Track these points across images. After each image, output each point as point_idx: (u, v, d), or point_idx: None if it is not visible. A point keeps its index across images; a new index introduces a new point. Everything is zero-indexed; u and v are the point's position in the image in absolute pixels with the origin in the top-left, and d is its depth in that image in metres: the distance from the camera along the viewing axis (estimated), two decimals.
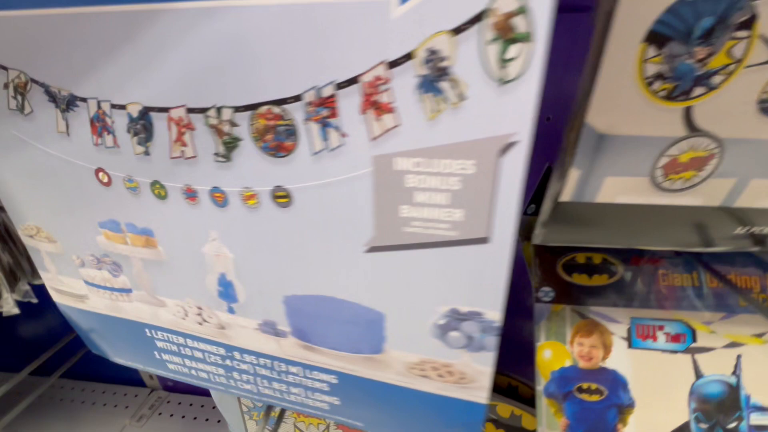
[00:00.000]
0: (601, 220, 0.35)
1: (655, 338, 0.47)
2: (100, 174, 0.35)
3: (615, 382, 0.47)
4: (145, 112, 0.30)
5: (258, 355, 0.40)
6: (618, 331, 0.48)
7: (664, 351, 0.47)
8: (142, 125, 0.31)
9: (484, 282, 0.28)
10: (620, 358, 0.47)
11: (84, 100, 0.31)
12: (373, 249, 0.29)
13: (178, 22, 0.26)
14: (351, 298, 0.32)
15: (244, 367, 0.41)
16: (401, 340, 0.33)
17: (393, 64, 0.23)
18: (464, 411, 0.34)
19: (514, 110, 0.22)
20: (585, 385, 0.50)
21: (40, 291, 0.54)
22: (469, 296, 0.29)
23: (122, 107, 0.31)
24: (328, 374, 0.38)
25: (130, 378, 1.25)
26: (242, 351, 0.40)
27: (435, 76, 0.23)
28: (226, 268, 0.35)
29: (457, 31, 0.21)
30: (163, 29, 0.26)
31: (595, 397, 0.48)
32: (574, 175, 0.30)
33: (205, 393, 1.21)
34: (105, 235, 0.39)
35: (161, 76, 0.28)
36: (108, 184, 0.35)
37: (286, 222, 0.31)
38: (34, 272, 0.59)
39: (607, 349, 0.49)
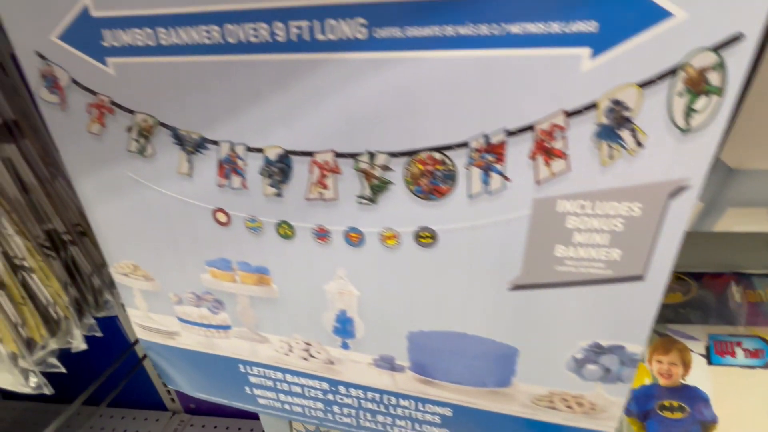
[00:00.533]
0: (709, 246, 0.36)
1: (733, 354, 0.49)
2: (218, 214, 0.35)
3: (696, 398, 0.48)
4: (285, 155, 0.30)
5: (366, 389, 0.39)
6: (696, 348, 0.49)
7: (743, 367, 0.49)
8: (279, 168, 0.31)
9: (632, 317, 0.29)
10: (700, 375, 0.48)
11: (215, 143, 0.31)
12: (518, 287, 0.30)
13: (340, 72, 0.26)
14: (484, 334, 0.32)
15: (347, 401, 0.41)
16: (532, 374, 0.33)
17: (573, 113, 0.24)
18: None
19: (692, 157, 0.23)
20: (667, 403, 0.51)
21: None
22: (614, 330, 0.30)
23: (259, 150, 0.31)
24: (442, 407, 0.38)
25: (150, 401, 1.22)
26: (348, 385, 0.40)
27: (615, 125, 0.23)
28: (348, 305, 0.35)
29: (647, 84, 0.22)
30: (323, 78, 0.26)
31: (677, 415, 0.49)
32: (697, 207, 0.31)
33: (228, 414, 1.19)
34: (212, 273, 0.38)
35: (311, 122, 0.28)
36: (226, 224, 0.35)
37: (425, 261, 0.31)
38: (98, 306, 0.58)
39: (686, 366, 0.50)
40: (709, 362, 0.49)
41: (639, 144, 0.24)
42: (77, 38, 0.30)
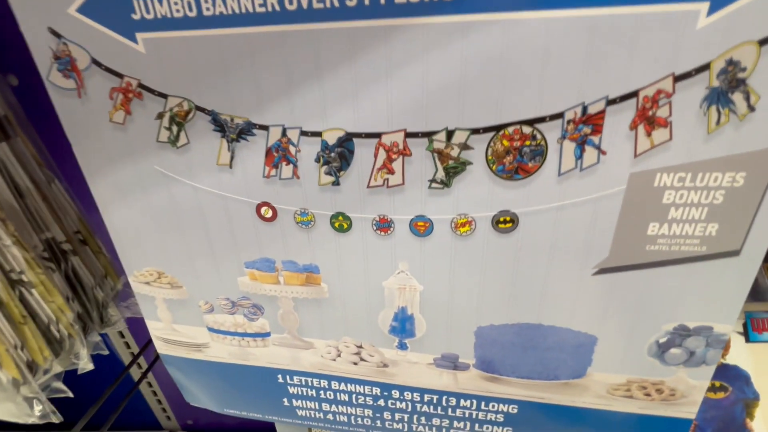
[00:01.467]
0: None
1: None
2: (263, 209, 0.31)
3: (737, 377, 0.48)
4: (347, 138, 0.27)
5: (423, 391, 0.37)
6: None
7: None
8: (339, 153, 0.28)
9: (724, 295, 0.27)
10: (739, 353, 0.48)
11: (264, 128, 0.28)
12: (603, 271, 0.28)
13: (419, 39, 0.23)
14: (560, 324, 0.30)
15: (400, 406, 0.38)
16: (609, 363, 0.31)
17: (682, 76, 0.22)
18: (667, 428, 0.33)
19: None
20: (709, 383, 0.51)
21: None
22: (703, 311, 0.28)
23: (316, 134, 0.27)
24: (507, 404, 0.35)
25: (144, 421, 1.15)
26: (403, 389, 0.37)
27: (728, 88, 0.22)
28: (409, 301, 0.32)
29: (766, 41, 0.21)
30: (397, 47, 0.24)
31: (720, 395, 0.49)
32: None
33: (228, 428, 1.14)
34: (251, 276, 0.35)
35: (380, 98, 0.25)
36: (271, 219, 0.31)
37: (502, 248, 0.28)
38: (103, 321, 0.52)
39: (725, 345, 0.50)
40: (747, 340, 0.49)
41: (750, 107, 0.22)
42: (101, 11, 0.26)
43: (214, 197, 0.31)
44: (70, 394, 0.47)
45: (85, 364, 0.48)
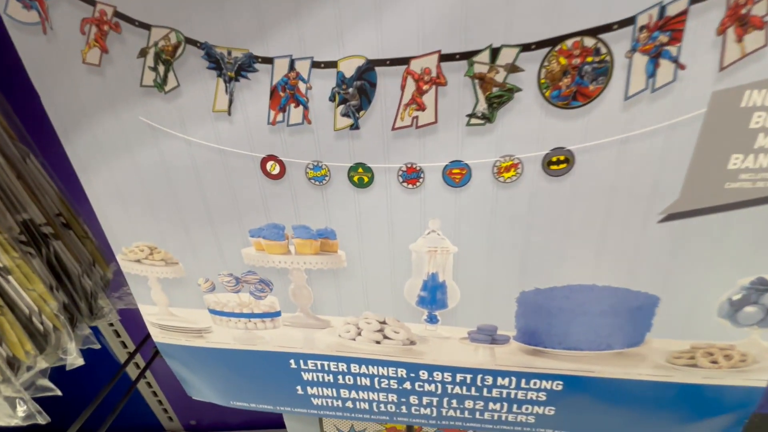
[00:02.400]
0: None
1: None
2: (270, 164, 0.27)
3: None
4: (368, 68, 0.23)
5: (455, 370, 0.33)
6: None
7: None
8: (358, 87, 0.23)
9: None
10: None
11: (268, 60, 0.24)
12: (672, 217, 0.24)
13: None
14: (618, 283, 0.27)
15: (429, 388, 0.34)
16: (672, 327, 0.28)
17: None
18: (735, 398, 0.29)
19: None
20: None
21: None
22: None
23: (330, 65, 0.23)
24: (551, 380, 0.32)
25: (145, 423, 1.11)
26: (432, 369, 0.33)
27: None
28: (441, 266, 0.28)
29: None
30: None
31: None
32: None
33: (233, 428, 1.10)
34: (256, 246, 0.30)
35: (407, 14, 0.21)
36: (279, 176, 0.27)
37: (552, 196, 0.24)
38: (93, 313, 0.48)
39: None
40: None
41: None
42: None
43: (210, 152, 0.27)
44: (58, 392, 0.42)
45: (74, 359, 0.43)
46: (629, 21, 0.20)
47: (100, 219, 0.32)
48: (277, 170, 0.27)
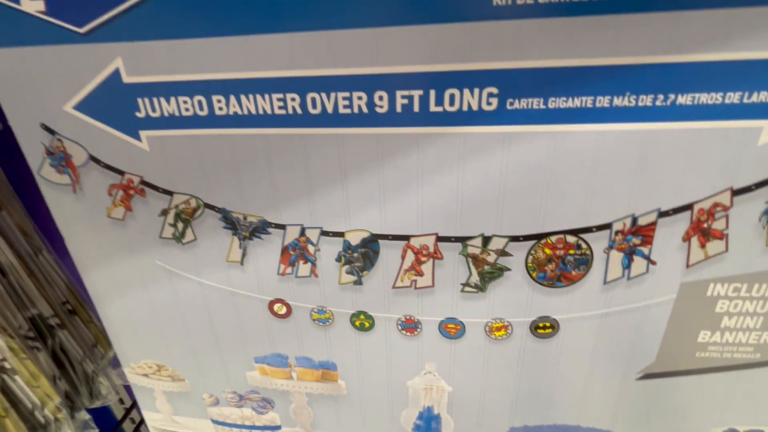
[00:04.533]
0: None
1: None
2: (277, 306, 0.29)
3: None
4: (372, 239, 0.25)
5: None
6: None
7: None
8: (362, 253, 0.26)
9: None
10: None
11: (281, 227, 0.26)
12: (649, 376, 0.26)
13: (456, 147, 0.21)
14: (601, 426, 0.28)
15: None
16: None
17: (741, 191, 0.21)
18: None
19: None
20: None
21: None
22: (753, 414, 0.27)
23: (338, 234, 0.25)
24: None
25: None
26: None
27: None
28: (436, 401, 0.30)
29: None
30: (432, 155, 0.22)
31: None
32: None
33: None
34: (260, 370, 0.32)
35: (409, 202, 0.23)
36: (285, 316, 0.29)
37: (540, 352, 0.26)
38: (92, 396, 0.48)
39: None
40: None
41: None
42: (101, 108, 0.24)
43: (222, 293, 0.29)
44: None
45: None
46: (606, 226, 0.22)
47: (110, 337, 0.33)
48: (283, 311, 0.29)
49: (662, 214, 0.21)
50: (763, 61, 0.18)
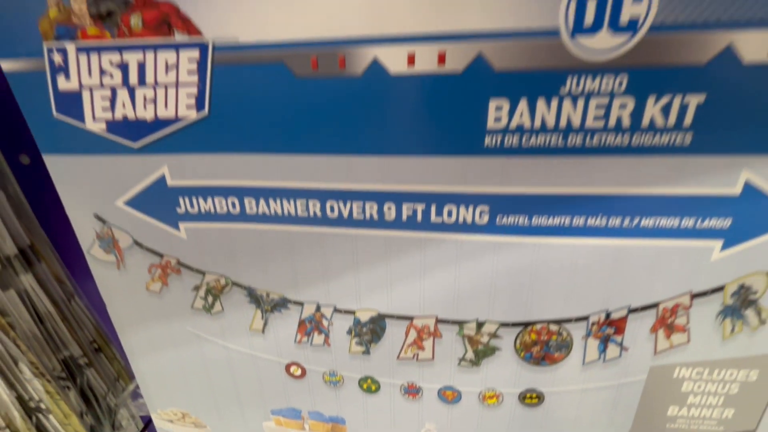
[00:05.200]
0: None
1: None
2: (293, 368, 0.32)
3: None
4: (379, 318, 0.28)
5: None
6: None
7: None
8: (371, 329, 0.29)
9: None
10: None
11: (299, 303, 0.29)
12: None
13: (452, 251, 0.25)
14: None
15: None
16: None
17: (698, 294, 0.24)
18: None
19: None
20: None
21: None
22: None
23: (349, 312, 0.29)
24: None
25: None
26: None
27: (740, 306, 0.23)
28: None
29: None
30: (431, 255, 0.25)
31: None
32: None
33: None
34: (276, 421, 0.35)
35: (412, 290, 0.27)
36: (300, 376, 0.32)
37: (527, 418, 0.29)
38: (114, 428, 0.52)
39: None
40: None
41: (762, 321, 0.24)
42: (147, 204, 0.27)
43: (244, 355, 0.32)
44: None
45: None
46: (584, 318, 0.25)
47: (141, 387, 0.36)
48: (299, 372, 0.32)
49: (632, 311, 0.25)
50: (711, 197, 0.21)
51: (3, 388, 0.38)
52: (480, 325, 0.27)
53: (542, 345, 0.26)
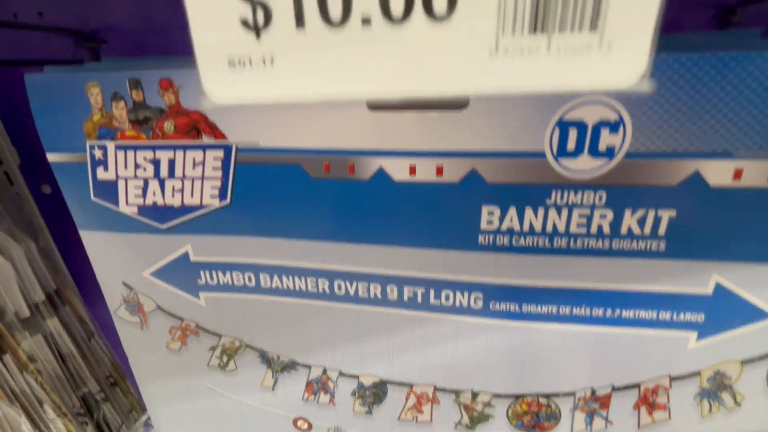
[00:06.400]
0: None
1: None
2: (300, 422, 0.34)
3: None
4: (382, 383, 0.30)
5: None
6: None
7: None
8: (374, 392, 0.31)
9: None
10: None
11: (307, 366, 0.31)
12: None
13: (449, 329, 0.27)
14: None
15: None
16: None
17: (677, 377, 0.25)
18: None
19: None
20: None
21: None
22: None
23: (353, 377, 0.31)
24: None
25: None
26: None
27: (716, 389, 0.25)
28: None
29: (748, 361, 0.24)
30: (430, 331, 0.27)
31: None
32: None
33: None
34: None
35: (412, 360, 0.29)
36: (306, 430, 0.34)
37: None
38: None
39: None
40: None
41: (737, 404, 0.26)
42: (172, 275, 0.30)
43: (255, 409, 0.34)
44: None
45: None
46: (571, 393, 0.27)
47: (154, 424, 0.39)
48: (305, 426, 0.34)
49: (616, 389, 0.26)
50: (685, 295, 0.23)
51: (29, 429, 0.41)
52: (475, 395, 0.29)
53: (533, 415, 0.28)
